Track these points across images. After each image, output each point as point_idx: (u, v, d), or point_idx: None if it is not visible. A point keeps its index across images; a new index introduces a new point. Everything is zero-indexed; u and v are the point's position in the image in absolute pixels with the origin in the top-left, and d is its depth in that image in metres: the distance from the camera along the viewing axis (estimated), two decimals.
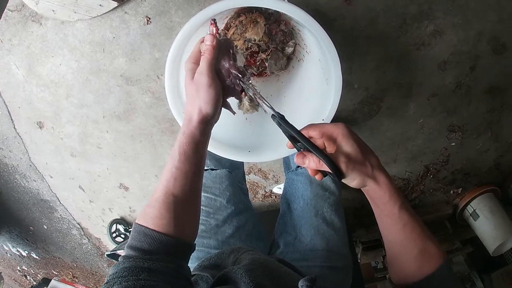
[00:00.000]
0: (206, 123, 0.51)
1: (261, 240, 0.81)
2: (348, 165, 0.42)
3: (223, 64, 0.54)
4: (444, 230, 1.71)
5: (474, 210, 1.60)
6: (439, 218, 1.72)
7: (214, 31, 0.56)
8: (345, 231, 0.78)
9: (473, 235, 1.67)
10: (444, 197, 1.70)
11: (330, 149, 0.46)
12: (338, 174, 0.42)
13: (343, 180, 0.44)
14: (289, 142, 0.49)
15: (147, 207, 0.47)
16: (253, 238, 0.78)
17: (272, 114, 0.49)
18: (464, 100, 1.33)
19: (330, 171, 0.42)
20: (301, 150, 0.47)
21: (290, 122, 0.47)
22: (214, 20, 0.57)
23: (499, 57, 1.21)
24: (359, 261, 1.73)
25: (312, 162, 0.44)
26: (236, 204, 0.80)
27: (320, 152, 0.42)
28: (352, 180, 0.44)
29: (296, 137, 0.45)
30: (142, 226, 0.45)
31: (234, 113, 0.60)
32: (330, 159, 0.42)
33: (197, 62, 0.52)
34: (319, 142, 0.47)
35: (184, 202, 0.48)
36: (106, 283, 0.40)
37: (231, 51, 0.55)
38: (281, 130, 0.49)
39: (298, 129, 0.47)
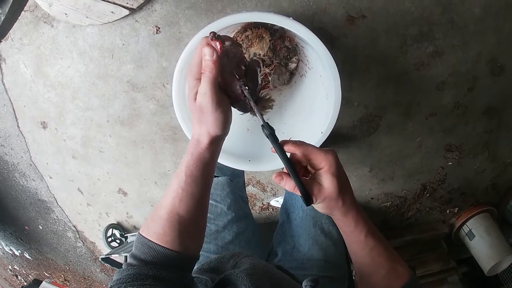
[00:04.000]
0: (217, 143, 0.49)
1: (260, 247, 0.82)
2: (318, 197, 0.44)
3: (229, 79, 0.48)
4: (440, 249, 1.71)
5: (470, 229, 1.61)
6: (435, 237, 1.72)
7: (219, 47, 0.47)
8: (342, 243, 0.79)
9: (469, 255, 1.67)
10: (441, 216, 1.71)
11: (310, 169, 0.48)
12: (307, 201, 0.44)
13: None
14: (273, 148, 0.48)
15: (150, 221, 0.47)
16: (252, 245, 0.80)
17: (262, 125, 0.47)
18: (462, 120, 1.35)
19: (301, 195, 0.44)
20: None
21: (278, 139, 0.47)
22: (213, 33, 0.48)
23: (497, 79, 1.24)
24: (353, 278, 1.72)
25: (287, 185, 0.45)
26: (236, 211, 0.81)
27: (297, 177, 0.43)
28: (319, 209, 0.46)
29: (279, 152, 0.45)
30: (146, 238, 0.45)
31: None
32: (304, 188, 0.43)
33: (199, 77, 0.46)
34: (302, 161, 0.47)
35: (189, 221, 0.47)
36: (110, 287, 0.41)
37: (238, 57, 0.49)
38: (269, 141, 0.47)
39: (286, 141, 0.47)
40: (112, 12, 1.10)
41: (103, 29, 1.19)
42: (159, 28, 1.16)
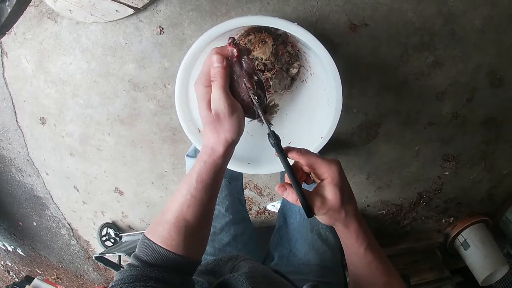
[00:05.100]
0: (230, 150, 0.49)
1: (257, 251, 0.82)
2: (320, 210, 0.44)
3: (237, 83, 0.49)
4: (434, 258, 1.71)
5: (465, 239, 1.61)
6: (430, 246, 1.72)
7: (235, 53, 0.48)
8: (338, 248, 0.79)
9: (463, 265, 1.67)
10: (436, 225, 1.71)
11: (312, 176, 0.48)
12: (308, 214, 0.44)
13: None
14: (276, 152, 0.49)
15: (156, 224, 0.47)
16: (249, 248, 0.80)
17: (268, 133, 0.48)
18: (460, 130, 1.36)
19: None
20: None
21: (283, 147, 0.47)
22: (233, 39, 0.49)
23: (496, 90, 1.25)
24: (348, 287, 1.72)
25: (290, 197, 0.45)
26: (234, 214, 0.81)
27: (299, 189, 0.43)
28: (322, 220, 0.46)
29: (284, 163, 0.45)
30: (150, 240, 0.45)
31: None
32: (306, 200, 0.43)
33: (209, 85, 0.47)
34: (305, 168, 0.47)
35: (195, 226, 0.47)
36: (111, 287, 0.41)
37: (244, 63, 0.50)
38: (274, 149, 0.48)
39: (291, 148, 0.47)
40: (116, 10, 1.11)
41: (106, 27, 1.19)
42: (162, 29, 1.16)
